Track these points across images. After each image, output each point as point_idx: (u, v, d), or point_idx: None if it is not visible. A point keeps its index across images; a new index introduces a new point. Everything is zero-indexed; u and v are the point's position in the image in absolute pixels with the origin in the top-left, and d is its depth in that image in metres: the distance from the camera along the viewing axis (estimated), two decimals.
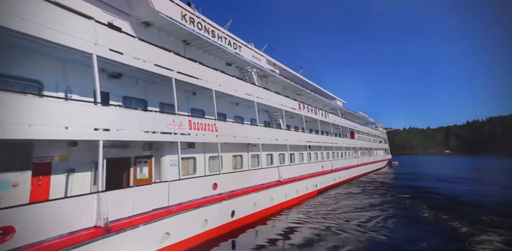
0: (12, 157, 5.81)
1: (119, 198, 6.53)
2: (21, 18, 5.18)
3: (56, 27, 5.67)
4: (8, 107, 4.81)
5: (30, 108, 5.21)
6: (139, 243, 6.85)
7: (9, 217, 4.50)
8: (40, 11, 5.52)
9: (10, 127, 4.85)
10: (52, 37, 5.59)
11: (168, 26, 10.03)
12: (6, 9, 5.00)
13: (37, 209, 4.95)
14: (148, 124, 7.67)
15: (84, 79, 7.53)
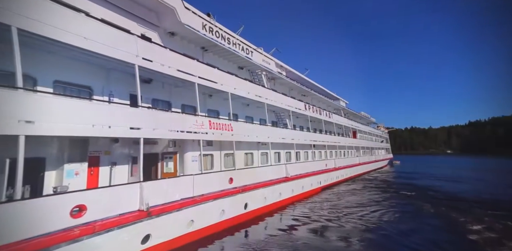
0: (74, 151, 6.94)
1: (155, 187, 7.63)
2: (84, 38, 6.25)
3: (111, 44, 6.75)
4: (82, 112, 5.94)
5: (92, 111, 6.32)
6: (171, 227, 7.95)
7: (82, 197, 5.64)
8: (100, 32, 6.61)
9: (82, 126, 5.97)
10: (110, 52, 6.69)
11: (190, 35, 11.09)
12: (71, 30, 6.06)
13: (100, 192, 6.09)
14: (176, 124, 8.76)
15: (122, 84, 8.65)
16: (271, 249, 8.05)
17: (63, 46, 6.17)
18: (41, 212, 5.08)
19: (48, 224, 5.11)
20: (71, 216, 5.51)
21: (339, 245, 8.49)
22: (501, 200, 16.21)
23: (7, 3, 5.02)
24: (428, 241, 8.80)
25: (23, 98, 5.09)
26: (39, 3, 5.61)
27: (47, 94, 5.71)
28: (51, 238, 5.02)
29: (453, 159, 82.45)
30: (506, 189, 21.01)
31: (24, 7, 5.26)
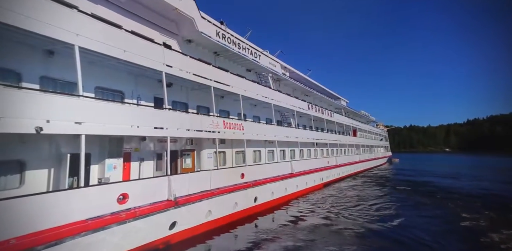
0: (113, 148, 7.92)
1: (180, 180, 8.63)
2: (123, 50, 7.19)
3: (143, 54, 7.70)
4: (121, 114, 6.91)
5: (128, 113, 7.30)
6: (193, 216, 8.96)
7: (125, 187, 6.64)
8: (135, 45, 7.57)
9: (116, 126, 6.93)
10: (143, 62, 7.65)
11: (205, 42, 12.02)
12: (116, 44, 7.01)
13: (139, 183, 7.09)
14: (196, 124, 9.74)
15: (147, 88, 9.62)
16: (279, 237, 8.94)
17: (104, 58, 7.12)
18: (96, 198, 6.08)
19: (102, 208, 6.12)
20: (117, 202, 6.53)
21: (342, 234, 9.36)
22: (493, 194, 17.26)
23: (68, 24, 5.97)
24: (423, 230, 9.73)
25: (81, 103, 6.06)
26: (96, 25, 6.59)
27: (91, 99, 6.66)
28: (107, 219, 6.05)
29: (451, 157, 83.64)
30: (498, 185, 22.03)
31: (83, 28, 6.21)
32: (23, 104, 5.03)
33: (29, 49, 6.37)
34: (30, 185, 6.15)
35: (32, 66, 6.46)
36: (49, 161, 6.63)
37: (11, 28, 5.23)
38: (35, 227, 4.89)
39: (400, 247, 8.33)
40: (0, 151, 5.75)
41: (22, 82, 6.23)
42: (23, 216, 4.79)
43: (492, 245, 8.30)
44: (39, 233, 4.87)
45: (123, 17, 8.91)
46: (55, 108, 5.51)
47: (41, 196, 5.20)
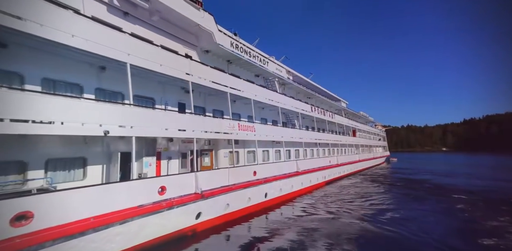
0: (148, 148, 9.14)
1: (203, 176, 9.84)
2: (160, 64, 8.41)
3: (175, 67, 8.92)
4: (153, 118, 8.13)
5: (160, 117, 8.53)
6: (214, 208, 10.16)
7: (163, 181, 7.86)
8: (170, 59, 8.78)
9: (152, 129, 8.14)
10: (175, 73, 8.88)
11: (220, 52, 13.26)
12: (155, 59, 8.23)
13: (173, 178, 8.32)
14: (216, 127, 10.97)
15: (172, 94, 10.85)
16: (288, 228, 10.04)
17: (145, 71, 8.33)
18: (142, 189, 7.30)
19: (147, 197, 7.34)
20: (158, 194, 7.74)
21: (343, 226, 10.34)
22: (486, 190, 18.49)
23: (122, 46, 7.18)
24: (420, 222, 10.79)
25: (132, 110, 7.28)
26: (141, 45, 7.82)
27: (138, 107, 7.87)
28: (152, 206, 7.27)
29: (448, 156, 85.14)
30: (492, 182, 23.24)
31: (132, 49, 7.43)
32: (94, 112, 6.26)
33: (89, 66, 7.59)
34: (90, 178, 7.37)
35: (90, 80, 7.69)
36: (102, 158, 7.84)
37: (79, 51, 6.44)
38: (107, 209, 6.12)
39: (396, 236, 9.20)
40: (70, 150, 6.96)
41: (84, 94, 7.44)
42: (96, 199, 6.01)
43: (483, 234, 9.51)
44: (110, 213, 6.10)
45: (154, 33, 10.14)
46: (115, 115, 6.74)
47: (107, 185, 6.43)
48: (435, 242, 8.46)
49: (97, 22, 6.79)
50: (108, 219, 6.10)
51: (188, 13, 10.30)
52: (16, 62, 6.20)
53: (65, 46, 6.08)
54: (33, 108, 5.39)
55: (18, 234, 4.65)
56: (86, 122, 6.23)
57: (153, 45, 8.41)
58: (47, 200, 5.16)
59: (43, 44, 6.06)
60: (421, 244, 8.43)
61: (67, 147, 7.00)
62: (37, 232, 4.90)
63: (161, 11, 9.70)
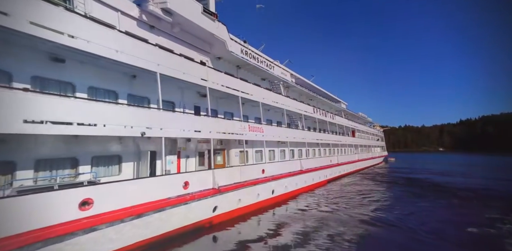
0: (171, 147, 10.11)
1: (220, 173, 10.83)
2: (183, 72, 9.40)
3: (195, 74, 9.92)
4: (176, 120, 9.10)
5: (180, 119, 9.52)
6: (228, 203, 11.09)
7: (186, 177, 8.84)
8: (190, 67, 9.77)
9: (176, 130, 9.11)
10: (196, 80, 9.86)
11: (231, 58, 14.28)
12: (182, 69, 9.22)
13: (194, 174, 9.32)
14: (230, 128, 11.97)
15: (189, 98, 11.83)
16: (293, 222, 10.93)
17: (168, 78, 9.30)
18: (169, 183, 8.28)
19: (173, 191, 8.32)
20: (182, 188, 8.73)
21: (346, 220, 11.16)
22: (482, 188, 19.58)
23: (152, 57, 8.17)
24: (418, 217, 11.69)
25: (162, 113, 8.28)
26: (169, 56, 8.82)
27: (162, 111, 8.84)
28: (178, 199, 8.26)
29: (445, 156, 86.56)
30: (484, 180, 24.45)
31: (161, 59, 8.43)
32: (133, 116, 7.25)
33: (122, 75, 8.57)
34: (124, 173, 8.35)
35: (124, 87, 8.67)
36: (133, 156, 8.82)
37: (120, 64, 7.43)
38: (144, 200, 7.11)
39: (394, 230, 10.01)
40: (109, 148, 7.94)
41: (119, 99, 8.42)
42: (138, 191, 7.00)
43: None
44: (150, 202, 7.10)
45: (174, 43, 11.13)
46: (149, 118, 7.74)
47: (144, 179, 7.41)
48: (431, 233, 9.36)
49: (137, 39, 7.79)
50: (146, 208, 7.08)
51: (204, 24, 11.30)
52: (70, 74, 7.17)
53: (110, 60, 7.06)
54: (83, 112, 6.34)
55: (84, 216, 5.63)
56: (127, 125, 7.21)
57: (177, 56, 9.42)
58: (103, 190, 6.15)
59: (91, 58, 7.03)
60: (418, 234, 9.34)
61: (107, 146, 7.97)
62: (97, 216, 5.88)
63: (182, 23, 10.69)
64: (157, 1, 9.18)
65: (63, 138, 6.70)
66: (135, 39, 7.88)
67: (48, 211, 5.16)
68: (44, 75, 6.65)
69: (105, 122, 6.88)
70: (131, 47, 7.59)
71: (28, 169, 6.12)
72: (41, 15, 5.73)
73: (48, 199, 5.24)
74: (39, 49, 6.33)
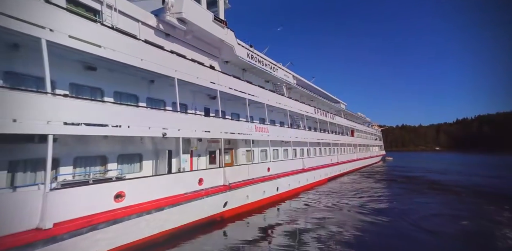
0: (185, 147, 10.85)
1: (230, 171, 11.58)
2: (196, 77, 10.13)
3: (208, 79, 10.66)
4: (190, 121, 9.83)
5: (197, 121, 10.26)
6: (237, 199, 11.85)
7: (200, 174, 9.59)
8: (203, 72, 10.50)
9: (187, 131, 9.84)
10: (209, 85, 10.61)
11: (238, 62, 15.03)
12: (196, 74, 9.96)
13: (207, 172, 10.07)
14: (239, 129, 12.73)
15: (200, 100, 12.57)
16: (298, 217, 11.66)
17: (184, 82, 10.04)
18: (186, 179, 9.02)
19: (190, 186, 9.06)
20: (197, 184, 9.47)
21: (347, 215, 11.91)
22: (476, 185, 20.58)
23: (170, 63, 8.89)
24: (415, 212, 12.45)
25: (179, 116, 9.01)
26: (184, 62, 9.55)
27: (180, 113, 9.57)
28: (194, 194, 9.01)
29: (441, 155, 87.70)
30: (479, 178, 25.25)
31: (178, 65, 9.16)
32: (156, 118, 7.99)
33: (142, 80, 9.29)
34: (144, 170, 9.08)
35: (143, 91, 9.40)
36: (152, 154, 9.55)
37: (144, 71, 8.15)
38: (164, 195, 7.86)
39: (392, 224, 10.66)
40: (131, 148, 8.67)
41: (139, 102, 9.14)
42: (160, 186, 7.74)
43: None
44: (170, 197, 7.86)
45: (187, 49, 11.86)
46: (170, 120, 8.48)
47: (166, 176, 8.16)
48: (428, 227, 10.06)
49: (156, 47, 8.51)
50: (167, 202, 7.82)
51: (215, 31, 12.03)
52: (100, 80, 7.90)
53: (136, 68, 7.79)
54: (111, 115, 7.04)
55: (118, 207, 6.38)
56: (149, 126, 7.95)
57: (192, 62, 10.16)
58: (133, 185, 6.89)
59: (118, 66, 7.75)
60: (415, 227, 10.09)
61: (130, 145, 8.70)
62: (128, 207, 6.63)
63: (194, 31, 11.42)
64: (173, 12, 9.89)
65: (95, 138, 7.43)
66: (156, 48, 8.60)
67: (90, 202, 5.90)
68: (79, 82, 7.37)
69: (130, 124, 7.60)
70: (153, 55, 8.31)
71: (69, 165, 6.83)
72: (77, 29, 6.44)
73: (90, 191, 5.98)
74: (76, 59, 7.04)
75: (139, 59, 7.71)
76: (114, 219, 6.21)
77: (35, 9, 5.56)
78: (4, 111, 4.87)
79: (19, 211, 4.74)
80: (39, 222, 4.90)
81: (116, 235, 6.34)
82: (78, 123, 6.37)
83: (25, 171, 6.22)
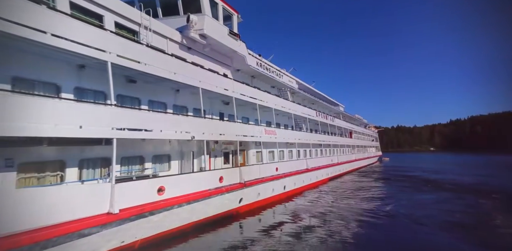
0: (205, 148, 12.00)
1: (244, 170, 12.77)
2: (215, 86, 11.34)
3: (224, 86, 11.89)
4: (213, 126, 11.02)
5: (215, 125, 11.45)
6: (251, 195, 13.02)
7: (220, 173, 10.75)
8: (221, 80, 11.73)
9: (209, 135, 11.02)
10: (223, 91, 11.85)
11: (248, 70, 16.30)
12: (215, 83, 11.20)
13: (226, 170, 11.26)
14: (251, 132, 13.95)
15: (216, 106, 13.78)
16: (303, 213, 12.72)
17: (206, 92, 11.23)
18: (209, 178, 10.17)
19: (212, 183, 10.20)
20: (218, 181, 10.64)
21: (350, 211, 13.02)
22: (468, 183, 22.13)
23: (195, 75, 10.11)
24: (412, 208, 13.95)
25: (205, 121, 10.21)
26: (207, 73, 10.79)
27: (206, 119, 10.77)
28: (216, 190, 10.16)
29: (436, 155, 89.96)
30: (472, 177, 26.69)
31: (203, 77, 10.37)
32: (185, 123, 9.20)
33: (169, 89, 10.50)
34: (172, 169, 10.23)
35: (170, 99, 10.60)
36: (178, 155, 10.71)
37: (175, 82, 9.35)
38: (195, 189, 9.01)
39: (391, 219, 11.65)
40: (162, 149, 9.83)
41: (167, 109, 10.32)
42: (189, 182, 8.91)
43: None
44: (198, 192, 9.04)
45: (204, 60, 13.08)
46: (196, 125, 9.68)
47: (194, 174, 9.32)
48: (425, 220, 11.23)
49: (185, 62, 9.74)
50: (195, 196, 8.97)
51: (230, 44, 13.29)
52: (138, 91, 9.07)
53: (171, 81, 9.00)
54: (148, 121, 8.20)
55: (160, 199, 7.53)
56: (181, 131, 9.13)
57: (212, 73, 11.39)
58: (170, 181, 8.06)
59: (153, 78, 8.92)
60: (413, 221, 11.21)
61: (161, 147, 9.85)
62: (168, 199, 7.78)
63: (212, 44, 12.65)
64: (196, 28, 11.12)
65: (136, 141, 8.58)
66: (184, 62, 9.82)
67: (141, 193, 7.07)
68: (123, 93, 8.53)
69: (162, 128, 8.76)
70: (182, 69, 9.52)
71: (117, 164, 7.96)
72: (123, 48, 7.62)
73: (141, 185, 7.14)
74: (122, 74, 8.23)
75: (172, 73, 8.91)
76: (157, 209, 7.36)
77: (102, 36, 6.78)
78: (72, 120, 5.95)
79: (94, 199, 5.88)
80: (109, 208, 6.05)
81: (157, 224, 7.50)
82: (123, 129, 7.51)
83: (88, 168, 7.38)
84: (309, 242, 8.43)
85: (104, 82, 7.20)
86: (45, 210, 5.06)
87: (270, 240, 8.79)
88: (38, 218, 4.95)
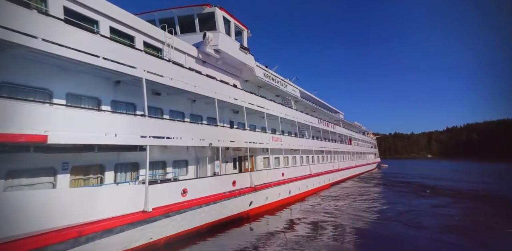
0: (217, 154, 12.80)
1: (254, 175, 13.53)
2: (228, 96, 12.29)
3: (235, 97, 12.83)
4: (226, 134, 11.87)
5: (227, 133, 12.30)
6: (259, 199, 13.72)
7: (233, 177, 11.51)
8: (233, 91, 12.68)
9: (223, 142, 11.84)
10: (235, 101, 12.77)
11: (256, 81, 17.35)
12: (233, 95, 12.15)
13: (237, 175, 12.02)
14: (259, 139, 14.79)
15: (226, 114, 14.67)
16: (307, 217, 13.43)
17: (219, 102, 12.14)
18: (224, 181, 10.92)
19: (226, 186, 10.94)
20: (232, 185, 11.38)
21: (353, 213, 13.97)
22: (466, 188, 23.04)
23: (211, 87, 11.06)
24: (409, 210, 14.86)
25: (222, 130, 11.09)
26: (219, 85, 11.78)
27: (221, 128, 11.64)
28: (230, 193, 10.89)
29: (433, 162, 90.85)
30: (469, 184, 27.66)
31: (218, 89, 11.33)
32: (205, 132, 10.04)
33: (187, 100, 11.42)
34: (189, 174, 10.99)
35: (187, 109, 11.52)
36: (194, 160, 11.49)
37: (192, 93, 10.28)
38: (213, 191, 9.74)
39: (391, 222, 12.36)
40: (180, 155, 10.63)
41: (185, 118, 11.21)
42: (207, 186, 9.67)
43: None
44: (215, 194, 9.77)
45: (216, 72, 14.10)
46: (212, 132, 10.55)
47: (211, 178, 10.10)
48: (423, 222, 12.04)
49: (202, 75, 10.73)
50: (213, 199, 9.72)
51: (240, 57, 14.36)
52: (161, 102, 10.00)
53: (190, 93, 9.93)
54: (169, 129, 9.02)
55: (183, 200, 8.28)
56: (198, 138, 9.98)
57: (225, 84, 12.36)
58: (192, 184, 8.83)
59: (174, 90, 9.84)
60: (413, 223, 12.16)
61: (180, 153, 10.66)
62: (189, 201, 8.52)
63: (225, 58, 13.71)
64: (211, 44, 12.19)
65: (159, 148, 9.40)
66: (202, 75, 10.80)
67: (168, 194, 7.82)
68: (150, 104, 9.39)
69: (181, 136, 9.58)
70: (200, 82, 10.48)
71: (144, 168, 8.73)
72: (152, 65, 8.57)
73: (168, 187, 7.91)
74: (150, 87, 9.15)
75: (192, 85, 9.85)
76: (182, 209, 8.11)
77: (134, 55, 7.73)
78: (117, 129, 6.81)
79: (132, 198, 6.64)
80: (144, 206, 6.80)
81: (180, 223, 8.22)
82: (148, 136, 8.34)
83: (121, 171, 8.17)
84: (316, 243, 9.11)
85: (133, 95, 8.08)
86: (96, 206, 5.82)
87: (280, 240, 9.44)
88: (88, 213, 5.71)
